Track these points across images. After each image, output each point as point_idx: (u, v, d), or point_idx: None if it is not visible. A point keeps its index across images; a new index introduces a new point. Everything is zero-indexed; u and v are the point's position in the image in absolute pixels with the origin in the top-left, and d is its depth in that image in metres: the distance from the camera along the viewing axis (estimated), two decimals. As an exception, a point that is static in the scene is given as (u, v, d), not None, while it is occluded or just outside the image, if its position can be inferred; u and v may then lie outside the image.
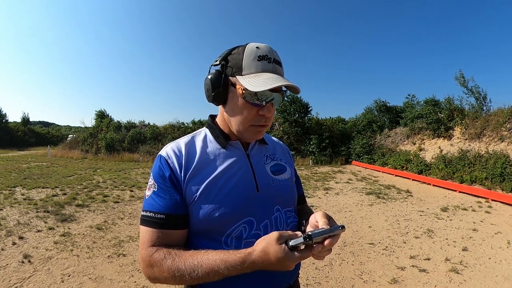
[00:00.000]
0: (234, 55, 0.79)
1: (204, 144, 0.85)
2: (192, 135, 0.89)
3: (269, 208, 0.83)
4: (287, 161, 0.98)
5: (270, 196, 0.84)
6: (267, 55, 0.77)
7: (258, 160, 0.89)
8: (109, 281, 2.93)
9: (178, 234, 0.77)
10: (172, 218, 0.75)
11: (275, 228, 0.82)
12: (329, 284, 3.01)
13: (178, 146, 0.83)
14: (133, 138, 19.04)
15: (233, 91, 0.79)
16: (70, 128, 57.06)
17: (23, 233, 4.15)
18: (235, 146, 0.86)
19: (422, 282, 3.05)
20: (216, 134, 0.87)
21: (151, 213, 0.75)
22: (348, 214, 5.76)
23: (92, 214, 5.27)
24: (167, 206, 0.75)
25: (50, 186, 7.59)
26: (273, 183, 0.87)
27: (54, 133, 39.40)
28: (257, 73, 0.76)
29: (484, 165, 9.53)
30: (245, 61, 0.76)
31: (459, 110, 13.51)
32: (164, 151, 0.83)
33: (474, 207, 6.63)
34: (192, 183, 0.78)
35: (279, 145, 1.02)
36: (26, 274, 2.99)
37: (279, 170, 0.92)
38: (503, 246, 4.18)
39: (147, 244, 0.74)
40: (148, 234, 0.75)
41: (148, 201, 0.77)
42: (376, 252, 3.86)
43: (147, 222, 0.76)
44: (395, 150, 15.20)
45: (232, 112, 0.81)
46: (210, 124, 0.90)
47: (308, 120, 18.82)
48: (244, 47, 0.78)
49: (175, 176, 0.78)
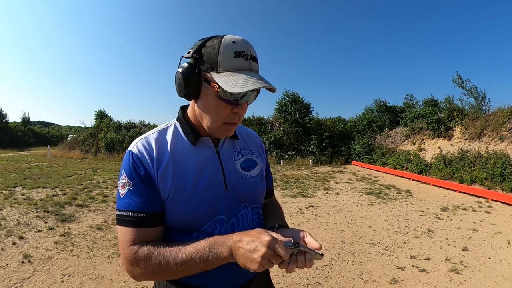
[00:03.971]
0: (208, 49, 0.73)
1: (173, 140, 0.82)
2: (161, 129, 0.84)
3: (237, 205, 0.84)
4: (259, 155, 0.97)
5: (237, 194, 0.85)
6: (243, 51, 0.73)
7: (228, 157, 0.88)
8: (109, 281, 2.93)
9: (156, 230, 0.76)
10: (151, 216, 0.74)
11: (241, 225, 0.84)
12: (329, 284, 3.01)
13: (148, 142, 0.80)
14: (133, 138, 18.87)
15: (206, 87, 0.75)
16: (70, 128, 57.02)
17: (23, 233, 4.15)
18: (205, 143, 0.84)
19: (422, 282, 3.05)
20: (186, 130, 0.83)
21: (130, 212, 0.74)
22: (348, 214, 5.76)
23: (92, 214, 5.27)
24: (145, 204, 0.74)
25: (50, 186, 7.59)
26: (242, 180, 0.87)
27: (54, 133, 39.36)
28: (234, 71, 0.71)
29: (484, 165, 9.53)
30: (220, 57, 0.71)
31: (459, 110, 13.51)
32: (134, 147, 0.79)
33: (474, 207, 6.63)
34: (164, 182, 0.76)
35: (251, 138, 0.99)
36: (26, 274, 2.99)
37: (249, 166, 0.91)
38: (503, 246, 4.18)
39: (128, 244, 0.73)
40: (128, 233, 0.73)
41: (124, 200, 0.74)
42: (376, 252, 3.86)
43: (126, 222, 0.74)
44: (395, 150, 15.20)
45: (204, 109, 0.78)
46: (181, 118, 0.86)
47: (309, 120, 18.82)
48: (219, 40, 0.73)
49: (149, 174, 0.76)
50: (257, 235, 0.66)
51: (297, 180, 10.20)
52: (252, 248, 0.64)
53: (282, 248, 0.64)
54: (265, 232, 0.67)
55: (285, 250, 0.64)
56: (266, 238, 0.64)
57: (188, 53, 0.76)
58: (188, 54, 0.76)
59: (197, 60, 0.74)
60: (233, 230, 0.81)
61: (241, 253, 0.66)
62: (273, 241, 0.64)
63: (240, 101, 0.75)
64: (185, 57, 0.78)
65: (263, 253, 0.63)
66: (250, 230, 0.70)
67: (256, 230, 0.69)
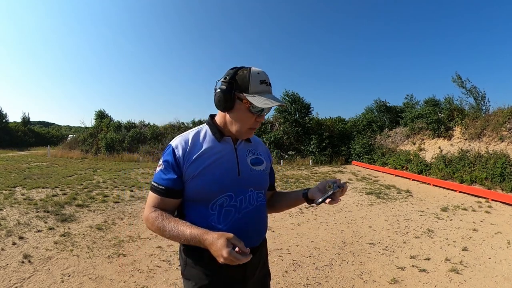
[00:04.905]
0: (241, 77, 1.05)
1: (205, 137, 1.13)
2: (198, 129, 1.17)
3: (245, 188, 1.13)
4: (265, 158, 1.27)
5: (247, 180, 1.14)
6: (265, 80, 1.07)
7: (242, 153, 1.17)
8: (109, 281, 2.93)
9: (172, 202, 1.08)
10: (169, 190, 1.06)
11: (247, 202, 1.12)
12: (329, 284, 3.01)
13: (186, 139, 1.11)
14: (133, 138, 19.04)
15: (239, 103, 1.06)
16: (70, 128, 56.93)
17: (23, 233, 4.15)
18: (227, 141, 1.14)
19: (422, 282, 3.05)
20: (214, 131, 1.14)
21: (156, 184, 1.07)
22: (348, 214, 5.76)
23: (92, 214, 5.27)
24: (167, 182, 1.06)
25: (50, 186, 7.59)
26: (251, 171, 1.16)
27: (54, 133, 39.33)
28: (261, 93, 1.04)
29: (484, 165, 9.53)
30: (251, 84, 1.04)
31: (459, 110, 13.52)
32: (174, 142, 1.11)
33: (474, 207, 6.64)
34: (194, 165, 1.06)
35: (260, 144, 1.32)
36: (26, 274, 2.99)
37: (257, 162, 1.21)
38: (503, 246, 4.18)
39: (149, 204, 1.08)
40: (151, 198, 1.08)
41: (156, 175, 1.08)
42: (376, 252, 3.86)
43: (153, 189, 1.08)
44: (395, 150, 15.20)
45: (236, 118, 1.09)
46: (210, 123, 1.17)
47: (309, 120, 18.82)
48: (248, 70, 1.05)
49: (177, 163, 1.07)
50: (219, 247, 0.90)
51: (297, 180, 10.20)
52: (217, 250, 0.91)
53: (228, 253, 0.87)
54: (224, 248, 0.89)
55: (230, 254, 0.87)
56: (223, 247, 0.89)
57: (224, 79, 1.07)
58: (225, 79, 1.06)
59: (233, 85, 1.04)
60: (241, 204, 1.10)
61: (212, 250, 0.92)
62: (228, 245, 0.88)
63: (262, 113, 1.09)
64: (222, 81, 1.08)
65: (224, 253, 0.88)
66: (216, 241, 0.91)
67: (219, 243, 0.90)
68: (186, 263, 1.13)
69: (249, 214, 1.11)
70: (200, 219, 1.06)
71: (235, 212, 1.08)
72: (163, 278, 3.01)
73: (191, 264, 1.11)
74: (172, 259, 3.46)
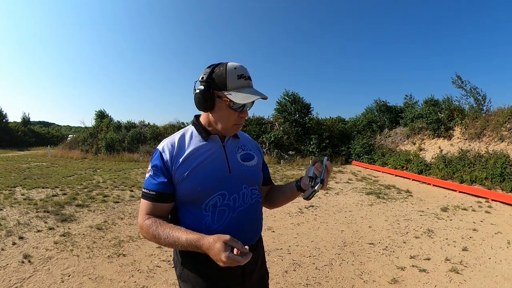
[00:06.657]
0: (217, 74, 1.02)
1: (191, 138, 1.11)
2: (184, 131, 1.15)
3: (238, 185, 1.10)
4: (256, 152, 1.26)
5: (239, 176, 1.11)
6: (243, 74, 1.03)
7: (231, 150, 1.15)
8: (109, 281, 2.93)
9: (164, 206, 1.06)
10: (160, 195, 1.04)
11: (241, 200, 1.10)
12: (329, 284, 3.01)
13: (172, 141, 1.09)
14: (133, 138, 19.03)
15: (219, 101, 1.04)
16: (70, 128, 56.94)
17: (23, 233, 4.15)
18: (214, 139, 1.12)
19: (422, 282, 3.05)
20: (200, 130, 1.13)
21: (147, 190, 1.04)
22: (348, 214, 5.76)
23: (92, 214, 5.27)
24: (157, 187, 1.03)
25: (50, 186, 7.59)
26: (242, 167, 1.14)
27: (54, 133, 39.32)
28: (239, 88, 1.02)
29: (484, 165, 9.53)
30: (228, 80, 1.01)
31: (459, 110, 13.50)
32: (161, 146, 1.09)
33: (474, 207, 6.63)
34: (182, 167, 1.04)
35: (248, 140, 1.30)
36: (26, 274, 2.99)
37: (248, 158, 1.19)
38: (503, 246, 4.18)
39: (142, 212, 1.05)
40: (144, 205, 1.05)
41: (146, 181, 1.06)
42: (376, 252, 3.86)
43: (144, 196, 1.05)
44: (395, 150, 15.19)
45: (219, 117, 1.07)
46: (195, 123, 1.16)
47: (309, 120, 18.81)
48: (224, 67, 1.02)
49: (166, 166, 1.05)
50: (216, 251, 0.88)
51: (297, 180, 10.18)
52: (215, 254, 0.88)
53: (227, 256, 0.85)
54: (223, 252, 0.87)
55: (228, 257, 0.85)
56: (220, 250, 0.87)
57: (202, 79, 1.04)
58: (202, 79, 1.04)
59: (211, 83, 1.03)
60: (235, 203, 1.08)
61: (211, 255, 0.89)
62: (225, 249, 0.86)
63: (244, 108, 1.06)
64: (199, 81, 1.06)
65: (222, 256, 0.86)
66: (214, 245, 0.88)
67: (216, 248, 0.88)
68: (183, 265, 1.10)
69: (243, 213, 1.09)
70: (194, 222, 1.04)
71: (229, 212, 1.06)
72: (163, 278, 3.01)
73: (188, 266, 1.09)
74: (172, 259, 3.46)
